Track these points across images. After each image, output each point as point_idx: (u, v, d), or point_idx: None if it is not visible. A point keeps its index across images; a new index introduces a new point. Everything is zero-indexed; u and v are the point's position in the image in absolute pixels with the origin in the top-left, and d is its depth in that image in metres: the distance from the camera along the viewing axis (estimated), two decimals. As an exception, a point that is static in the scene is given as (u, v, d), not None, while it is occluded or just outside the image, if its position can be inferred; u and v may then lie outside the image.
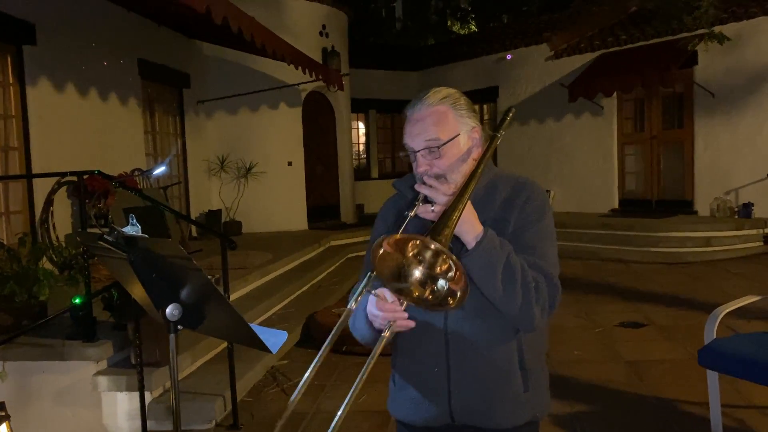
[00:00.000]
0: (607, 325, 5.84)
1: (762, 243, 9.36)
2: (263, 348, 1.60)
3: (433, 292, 1.40)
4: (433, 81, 14.17)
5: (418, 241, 1.35)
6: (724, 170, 10.20)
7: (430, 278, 1.40)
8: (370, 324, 1.58)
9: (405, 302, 1.46)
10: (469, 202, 1.51)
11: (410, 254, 1.38)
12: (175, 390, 1.73)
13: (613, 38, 11.44)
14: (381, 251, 1.38)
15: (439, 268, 1.38)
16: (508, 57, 12.94)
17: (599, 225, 10.34)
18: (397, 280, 1.41)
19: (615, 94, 11.15)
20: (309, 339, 5.61)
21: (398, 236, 1.38)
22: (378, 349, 1.49)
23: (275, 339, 1.63)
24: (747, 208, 9.75)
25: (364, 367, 1.48)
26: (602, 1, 13.31)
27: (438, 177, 1.59)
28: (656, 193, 11.25)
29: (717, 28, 9.39)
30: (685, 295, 6.87)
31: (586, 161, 11.92)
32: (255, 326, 1.64)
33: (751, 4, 9.76)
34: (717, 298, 5.96)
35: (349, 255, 9.66)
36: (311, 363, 1.54)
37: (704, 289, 7.09)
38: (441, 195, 1.50)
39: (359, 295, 1.56)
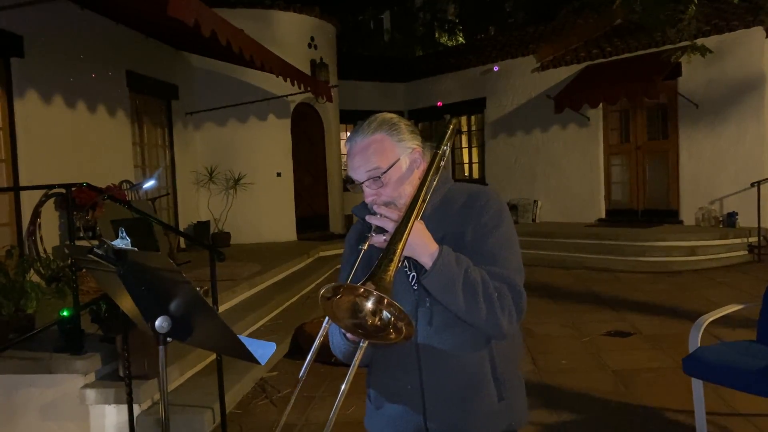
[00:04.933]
0: (594, 335, 5.88)
1: (746, 252, 9.47)
2: (252, 360, 1.62)
3: (381, 320, 1.41)
4: (421, 92, 14.29)
5: (361, 289, 1.36)
6: (708, 180, 10.34)
7: (378, 310, 1.40)
8: (345, 336, 1.61)
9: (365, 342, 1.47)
10: (420, 223, 1.53)
11: (359, 292, 1.38)
12: (165, 402, 1.74)
13: (598, 50, 11.59)
14: (333, 300, 1.38)
15: (385, 308, 1.38)
16: (495, 68, 13.06)
17: (586, 235, 10.42)
18: (352, 317, 1.41)
19: (600, 105, 11.28)
20: (298, 350, 5.61)
21: (339, 285, 1.38)
22: (357, 359, 1.51)
23: (264, 350, 1.65)
24: (731, 217, 9.88)
25: (346, 379, 1.52)
26: (587, 13, 13.50)
27: (387, 204, 1.61)
28: (642, 202, 11.36)
29: (699, 41, 9.53)
30: (671, 304, 6.94)
31: (573, 172, 12.02)
32: (244, 338, 1.66)
33: (732, 17, 9.94)
34: (702, 307, 6.03)
35: (338, 266, 9.63)
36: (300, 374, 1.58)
37: (689, 298, 7.16)
38: (390, 223, 1.51)
39: (326, 328, 1.60)
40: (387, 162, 1.62)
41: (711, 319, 3.63)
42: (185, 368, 4.45)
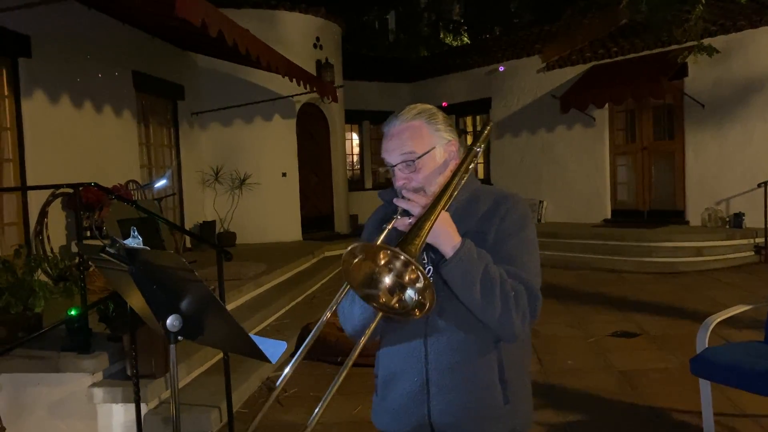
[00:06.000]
0: (600, 335, 5.87)
1: (753, 253, 9.44)
2: (263, 358, 1.62)
3: (400, 301, 1.43)
4: (426, 93, 14.28)
5: (388, 251, 1.38)
6: (714, 180, 10.30)
7: (399, 287, 1.42)
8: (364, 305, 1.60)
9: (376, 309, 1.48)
10: (447, 213, 1.55)
11: (381, 262, 1.41)
12: (176, 400, 1.74)
13: (604, 50, 11.56)
14: (355, 260, 1.40)
15: (407, 278, 1.40)
16: (501, 69, 13.04)
17: (591, 235, 10.40)
18: (367, 286, 1.44)
19: (606, 105, 11.25)
20: (304, 350, 5.61)
21: (369, 245, 1.41)
22: (369, 330, 1.53)
23: (274, 349, 1.65)
24: (738, 218, 9.84)
25: (350, 356, 1.53)
26: (593, 13, 13.47)
27: (416, 190, 1.63)
28: (648, 203, 11.33)
29: (706, 41, 9.50)
30: (677, 304, 6.92)
31: (578, 172, 12.00)
32: (254, 336, 1.66)
33: (739, 17, 9.90)
34: (708, 308, 6.01)
35: (344, 266, 9.65)
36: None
37: (696, 299, 7.14)
38: (417, 207, 1.53)
39: (341, 297, 1.61)
40: (422, 148, 1.65)
41: (719, 320, 3.62)
42: (192, 367, 4.46)
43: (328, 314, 1.63)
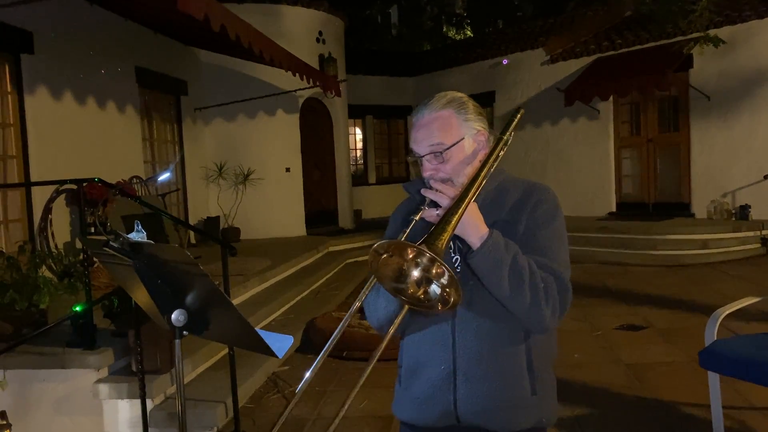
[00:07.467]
0: (607, 328, 5.85)
1: (759, 245, 9.39)
2: (269, 353, 1.60)
3: (426, 293, 1.43)
4: (430, 86, 14.23)
5: (414, 248, 1.37)
6: (720, 173, 10.25)
7: (426, 280, 1.42)
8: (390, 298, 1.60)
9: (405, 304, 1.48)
10: (474, 204, 1.53)
11: (408, 257, 1.41)
12: (182, 396, 1.73)
13: (608, 42, 11.50)
14: (381, 258, 1.40)
15: (434, 271, 1.40)
16: (504, 62, 12.99)
17: (597, 228, 10.37)
18: (395, 281, 1.44)
19: (611, 97, 11.20)
20: (309, 345, 5.61)
21: (393, 242, 1.40)
22: (397, 321, 1.52)
23: (281, 344, 1.64)
24: (744, 210, 9.80)
25: (375, 353, 1.52)
26: (597, 5, 13.40)
27: (445, 181, 1.61)
28: (653, 196, 11.28)
29: (712, 32, 9.45)
30: (684, 297, 6.89)
31: (583, 165, 11.95)
32: (260, 331, 1.64)
33: (745, 7, 9.83)
34: (715, 301, 5.98)
35: (348, 261, 9.66)
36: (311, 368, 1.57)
37: (702, 292, 7.11)
38: (445, 199, 1.51)
39: (366, 291, 1.60)
40: (451, 139, 1.63)
41: (727, 312, 3.59)
42: (197, 363, 4.45)
43: (357, 304, 1.62)
